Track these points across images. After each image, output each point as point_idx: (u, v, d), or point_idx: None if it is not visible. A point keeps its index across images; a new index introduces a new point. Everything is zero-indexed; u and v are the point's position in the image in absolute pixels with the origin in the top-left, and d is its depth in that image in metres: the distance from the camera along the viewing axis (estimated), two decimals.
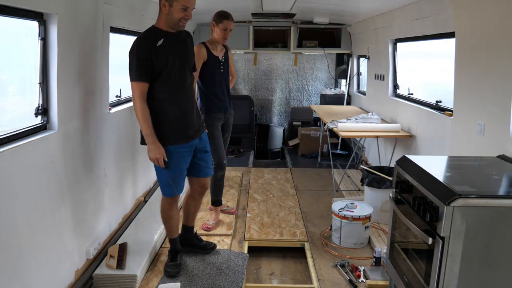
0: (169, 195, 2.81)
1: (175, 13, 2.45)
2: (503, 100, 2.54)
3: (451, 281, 1.89)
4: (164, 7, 2.46)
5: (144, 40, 2.48)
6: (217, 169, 3.54)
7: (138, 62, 2.43)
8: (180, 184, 2.79)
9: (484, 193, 1.90)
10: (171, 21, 2.48)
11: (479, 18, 2.82)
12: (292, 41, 6.59)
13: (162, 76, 2.51)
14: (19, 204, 2.06)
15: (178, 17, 2.47)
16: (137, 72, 2.43)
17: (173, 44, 2.55)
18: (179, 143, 2.64)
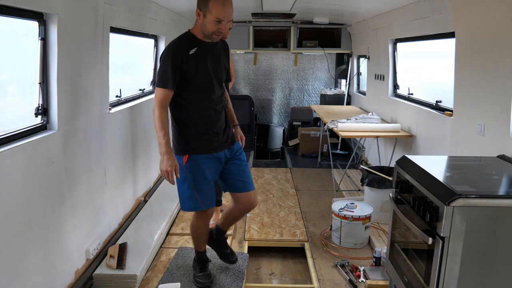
0: (192, 209, 2.55)
1: (209, 25, 2.27)
2: (503, 100, 2.55)
3: (451, 281, 1.89)
4: (199, 16, 2.29)
5: (177, 46, 2.33)
6: None
7: (167, 68, 2.28)
8: (207, 197, 2.52)
9: (484, 193, 1.90)
10: (205, 32, 2.32)
11: (479, 18, 2.82)
12: (292, 41, 6.60)
13: (191, 85, 2.37)
14: (19, 204, 2.06)
15: (211, 30, 2.28)
16: (164, 78, 2.29)
17: (206, 54, 2.39)
18: (204, 153, 2.46)
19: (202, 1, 2.25)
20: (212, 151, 2.48)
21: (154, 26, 4.24)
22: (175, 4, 4.40)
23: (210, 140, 2.48)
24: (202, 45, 2.37)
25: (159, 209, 3.79)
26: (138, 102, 4.02)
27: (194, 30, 2.37)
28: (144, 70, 4.64)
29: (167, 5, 4.30)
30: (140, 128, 3.99)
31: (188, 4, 4.59)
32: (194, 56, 2.34)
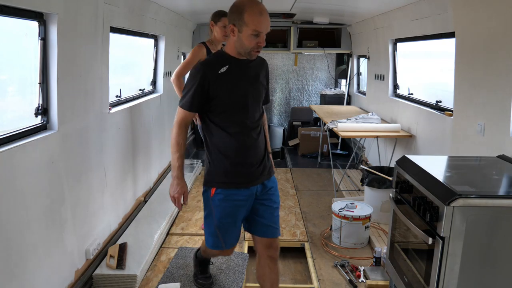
0: (212, 246, 2.25)
1: (246, 41, 1.97)
2: (503, 100, 2.55)
3: (451, 281, 1.89)
4: (233, 33, 2.00)
5: (206, 65, 2.06)
6: None
7: (192, 88, 2.03)
8: (231, 237, 2.23)
9: (484, 193, 1.90)
10: (241, 48, 2.02)
11: (479, 18, 2.82)
12: (292, 41, 6.60)
13: (221, 108, 2.08)
14: (19, 204, 2.06)
15: (250, 46, 1.99)
16: (187, 99, 2.05)
17: (239, 72, 2.09)
18: (234, 188, 2.14)
19: (235, 15, 1.96)
20: (243, 185, 2.15)
21: (154, 26, 4.25)
22: (175, 4, 4.40)
23: (243, 172, 2.14)
24: (235, 63, 2.07)
25: (159, 209, 3.79)
26: (138, 102, 4.02)
27: (228, 48, 2.09)
28: (144, 70, 4.65)
29: (167, 5, 4.30)
30: (140, 128, 3.99)
31: (188, 4, 4.60)
32: (225, 76, 2.04)
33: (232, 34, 2.01)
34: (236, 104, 2.09)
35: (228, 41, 2.09)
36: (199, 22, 6.30)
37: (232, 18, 1.98)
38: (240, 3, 1.96)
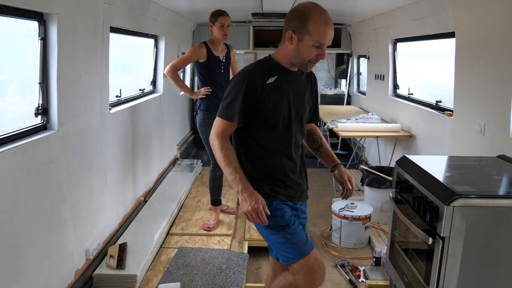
0: (299, 256, 1.86)
1: (305, 51, 1.77)
2: (503, 100, 2.55)
3: (451, 281, 1.89)
4: (291, 40, 1.79)
5: (253, 73, 1.83)
6: (216, 169, 3.54)
7: (238, 97, 1.80)
8: (302, 234, 1.92)
9: (484, 193, 1.90)
10: (297, 59, 1.81)
11: (479, 18, 2.82)
12: None
13: (263, 123, 1.86)
14: (19, 204, 2.06)
15: (308, 58, 1.79)
16: (230, 109, 1.81)
17: (288, 85, 1.87)
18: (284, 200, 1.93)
19: (297, 20, 1.74)
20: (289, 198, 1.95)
21: (154, 26, 4.25)
22: (175, 4, 4.40)
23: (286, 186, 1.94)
24: (285, 73, 1.86)
25: (159, 209, 3.79)
26: (138, 102, 4.02)
27: (278, 56, 1.87)
28: (144, 70, 4.65)
29: (167, 5, 4.30)
30: (140, 128, 3.99)
31: (188, 4, 4.60)
32: (272, 86, 1.82)
33: (290, 42, 1.79)
34: (281, 121, 1.87)
35: (281, 47, 1.86)
36: (199, 22, 6.30)
37: (293, 23, 1.76)
38: (305, 9, 1.75)
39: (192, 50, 3.46)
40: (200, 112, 3.50)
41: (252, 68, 1.87)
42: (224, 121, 1.85)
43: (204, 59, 3.42)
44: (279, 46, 1.88)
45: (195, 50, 3.42)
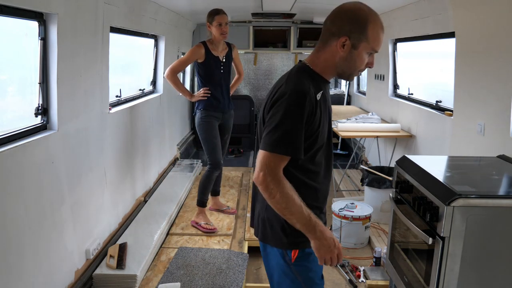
0: None
1: (359, 59, 1.52)
2: (503, 100, 2.55)
3: (451, 281, 1.89)
4: (342, 48, 1.49)
5: (308, 89, 1.47)
6: (214, 169, 3.53)
7: (297, 124, 1.43)
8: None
9: (484, 193, 1.90)
10: (347, 68, 1.54)
11: (479, 18, 2.82)
12: (292, 41, 6.59)
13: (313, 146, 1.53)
14: (19, 204, 2.06)
15: (360, 67, 1.54)
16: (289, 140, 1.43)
17: (328, 99, 1.62)
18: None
19: (354, 25, 1.48)
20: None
21: (154, 26, 4.24)
22: (175, 4, 4.40)
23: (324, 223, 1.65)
24: (325, 86, 1.59)
25: (159, 209, 3.79)
26: (138, 102, 4.02)
27: (317, 65, 1.55)
28: (144, 70, 4.65)
29: (167, 5, 4.30)
30: (140, 128, 3.99)
31: (188, 4, 4.60)
32: (320, 104, 1.52)
33: (341, 50, 1.49)
34: (325, 142, 1.60)
35: (321, 54, 1.54)
36: (199, 22, 6.30)
37: (347, 29, 1.48)
38: (361, 12, 1.51)
39: (190, 50, 3.44)
40: (199, 111, 3.49)
41: (302, 82, 1.49)
42: (279, 156, 1.44)
43: (203, 59, 3.40)
44: (316, 53, 1.56)
45: (193, 50, 3.41)
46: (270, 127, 1.45)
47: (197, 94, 3.49)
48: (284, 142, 1.43)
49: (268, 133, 1.45)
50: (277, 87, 1.53)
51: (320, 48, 1.55)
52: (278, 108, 1.45)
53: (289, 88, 1.47)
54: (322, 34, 1.56)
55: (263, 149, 1.46)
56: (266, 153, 1.44)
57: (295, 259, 1.58)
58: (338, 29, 1.50)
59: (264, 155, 1.45)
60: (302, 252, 1.58)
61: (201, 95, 3.43)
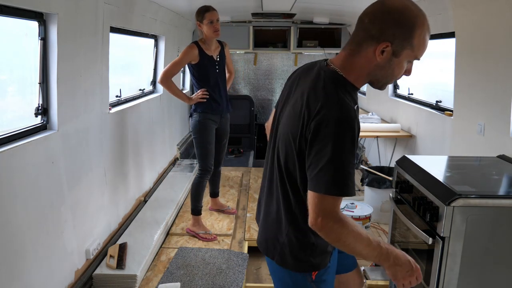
0: None
1: (398, 68, 1.32)
2: (503, 100, 2.54)
3: (451, 281, 1.89)
4: (381, 55, 1.28)
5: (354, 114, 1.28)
6: (205, 175, 3.42)
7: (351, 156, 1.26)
8: None
9: (484, 193, 1.90)
10: (383, 77, 1.35)
11: (479, 18, 2.82)
12: (292, 41, 6.59)
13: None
14: (19, 204, 2.06)
15: (398, 76, 1.35)
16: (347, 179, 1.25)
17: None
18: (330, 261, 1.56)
19: (400, 29, 1.26)
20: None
21: (154, 26, 4.24)
22: (175, 4, 4.40)
23: None
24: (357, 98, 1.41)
25: (159, 209, 3.79)
26: (138, 102, 4.02)
27: (350, 73, 1.34)
28: (144, 70, 4.65)
29: (167, 5, 4.30)
30: (140, 128, 3.99)
31: (188, 4, 4.60)
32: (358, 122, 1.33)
33: (379, 56, 1.28)
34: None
35: (353, 60, 1.33)
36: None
37: (391, 33, 1.25)
38: (410, 14, 1.29)
39: (183, 52, 3.27)
40: (197, 114, 3.34)
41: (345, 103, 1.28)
42: (338, 198, 1.27)
43: (197, 60, 3.26)
44: (348, 58, 1.34)
45: (187, 51, 3.24)
46: (320, 163, 1.24)
47: (195, 96, 3.33)
48: (339, 182, 1.24)
49: (319, 172, 1.24)
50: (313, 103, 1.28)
51: (354, 51, 1.32)
52: (326, 140, 1.23)
53: (334, 115, 1.24)
54: (355, 34, 1.31)
55: (315, 190, 1.25)
56: (320, 196, 1.25)
57: (316, 276, 1.50)
58: (379, 32, 1.26)
59: (318, 198, 1.25)
60: (323, 273, 1.51)
61: (200, 97, 3.30)
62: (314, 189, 1.26)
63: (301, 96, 1.35)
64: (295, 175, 1.37)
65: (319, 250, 1.46)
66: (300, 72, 1.50)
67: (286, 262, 1.48)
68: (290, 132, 1.36)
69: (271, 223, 1.51)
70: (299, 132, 1.31)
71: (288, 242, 1.45)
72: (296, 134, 1.32)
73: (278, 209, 1.47)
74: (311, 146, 1.27)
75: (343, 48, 1.37)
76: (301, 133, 1.31)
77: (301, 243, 1.44)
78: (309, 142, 1.28)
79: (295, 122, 1.33)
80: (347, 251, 1.34)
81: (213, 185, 3.83)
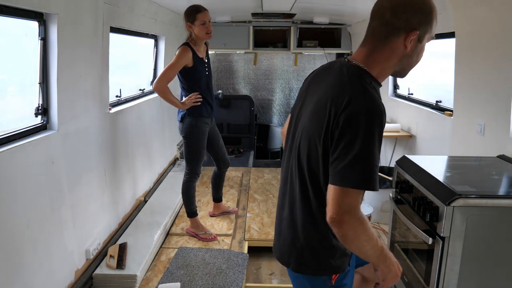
0: None
1: (421, 54, 1.38)
2: (503, 100, 2.54)
3: (451, 281, 1.89)
4: (410, 43, 1.30)
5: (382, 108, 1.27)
6: (194, 178, 3.36)
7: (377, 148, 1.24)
8: None
9: (484, 193, 1.90)
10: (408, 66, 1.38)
11: (479, 18, 2.82)
12: (292, 41, 6.59)
13: None
14: (19, 204, 2.06)
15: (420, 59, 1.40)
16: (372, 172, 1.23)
17: None
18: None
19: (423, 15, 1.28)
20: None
21: (154, 26, 4.24)
22: (175, 4, 4.40)
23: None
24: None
25: (159, 209, 3.79)
26: (138, 102, 4.02)
27: (374, 68, 1.34)
28: (144, 70, 4.65)
29: (167, 5, 4.30)
30: (140, 128, 3.99)
31: (188, 4, 4.59)
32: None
33: (406, 45, 1.30)
34: None
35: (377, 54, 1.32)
36: None
37: (416, 20, 1.27)
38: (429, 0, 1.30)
39: (178, 55, 3.06)
40: (191, 118, 3.16)
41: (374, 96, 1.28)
42: (360, 191, 1.25)
43: (191, 64, 3.08)
44: (370, 53, 1.33)
45: (182, 54, 3.04)
46: (348, 156, 1.22)
47: (188, 101, 3.12)
48: (367, 176, 1.22)
49: (346, 165, 1.22)
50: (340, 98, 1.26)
51: (377, 46, 1.32)
52: (356, 133, 1.22)
53: (363, 107, 1.23)
54: (376, 30, 1.32)
55: (341, 185, 1.22)
56: (345, 190, 1.22)
57: (335, 281, 1.49)
58: (405, 22, 1.27)
59: (343, 192, 1.22)
60: (344, 276, 1.50)
61: (193, 101, 3.11)
62: (339, 183, 1.23)
63: (325, 93, 1.33)
64: (319, 176, 1.34)
65: (339, 253, 1.44)
66: (317, 73, 1.50)
67: (305, 267, 1.47)
68: (314, 132, 1.33)
69: (287, 228, 1.49)
70: (325, 129, 1.29)
71: (307, 245, 1.44)
72: (321, 132, 1.30)
73: (294, 214, 1.45)
74: (338, 140, 1.25)
75: (362, 45, 1.36)
76: (327, 129, 1.28)
77: (321, 245, 1.43)
78: (337, 136, 1.25)
79: (320, 120, 1.30)
80: (355, 250, 1.33)
81: (217, 189, 3.74)
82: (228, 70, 7.62)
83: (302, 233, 1.44)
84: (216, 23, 5.83)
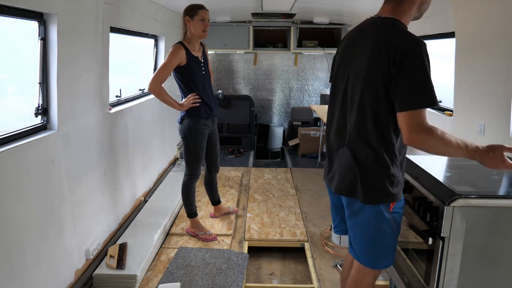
0: (388, 265, 1.97)
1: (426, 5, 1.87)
2: (503, 100, 2.54)
3: (451, 281, 1.89)
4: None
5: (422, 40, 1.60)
6: (194, 179, 3.36)
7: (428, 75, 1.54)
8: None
9: (484, 193, 1.89)
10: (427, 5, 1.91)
11: (479, 18, 2.82)
12: (292, 41, 6.59)
13: None
14: (19, 204, 2.06)
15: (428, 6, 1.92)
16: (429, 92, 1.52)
17: None
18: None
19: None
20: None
21: (154, 26, 4.25)
22: (175, 4, 4.40)
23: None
24: None
25: (159, 209, 3.79)
26: (138, 102, 4.02)
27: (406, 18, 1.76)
28: (144, 70, 4.65)
29: (167, 5, 4.30)
30: (140, 128, 3.99)
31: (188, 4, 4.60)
32: None
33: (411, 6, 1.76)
34: None
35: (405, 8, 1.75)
36: None
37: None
38: None
39: (171, 53, 3.02)
40: (189, 119, 3.14)
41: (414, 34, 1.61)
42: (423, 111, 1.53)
43: (185, 62, 3.04)
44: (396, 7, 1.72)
45: (175, 53, 3.00)
46: (414, 83, 1.51)
47: (186, 102, 3.10)
48: (429, 95, 1.50)
49: (413, 90, 1.50)
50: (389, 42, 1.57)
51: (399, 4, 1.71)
52: (415, 63, 1.51)
53: (410, 43, 1.54)
54: None
55: (409, 108, 1.51)
56: (413, 112, 1.51)
57: (393, 208, 1.78)
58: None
59: (412, 114, 1.51)
60: (400, 203, 1.79)
61: (192, 102, 3.10)
62: (409, 107, 1.51)
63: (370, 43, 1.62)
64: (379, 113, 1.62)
65: (397, 181, 1.72)
66: (350, 36, 1.82)
67: (369, 196, 1.72)
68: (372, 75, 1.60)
69: (349, 167, 1.74)
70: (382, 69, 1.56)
71: (370, 177, 1.70)
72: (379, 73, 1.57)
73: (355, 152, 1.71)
74: (397, 74, 1.52)
75: (385, 3, 1.76)
76: (384, 69, 1.55)
77: (384, 175, 1.68)
78: (395, 72, 1.52)
79: (375, 64, 1.58)
80: (440, 154, 1.64)
81: (213, 192, 3.75)
82: (228, 70, 7.63)
83: (366, 166, 1.69)
84: (216, 23, 5.84)
